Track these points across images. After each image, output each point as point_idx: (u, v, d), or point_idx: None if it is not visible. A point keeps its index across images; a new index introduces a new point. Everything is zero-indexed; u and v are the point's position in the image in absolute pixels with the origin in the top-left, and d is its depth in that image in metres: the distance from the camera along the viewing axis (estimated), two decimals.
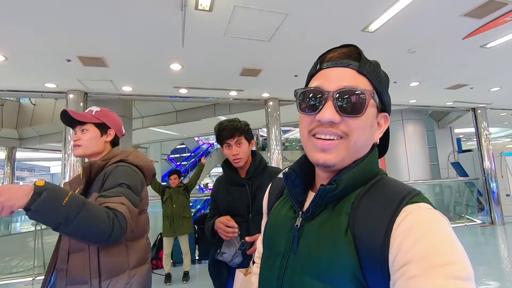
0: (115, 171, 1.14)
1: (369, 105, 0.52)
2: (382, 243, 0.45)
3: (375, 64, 0.56)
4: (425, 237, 0.42)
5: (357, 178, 0.53)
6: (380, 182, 0.54)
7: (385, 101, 0.57)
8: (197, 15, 2.62)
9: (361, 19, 2.83)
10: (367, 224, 0.48)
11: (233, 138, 1.42)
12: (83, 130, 1.25)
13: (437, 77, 4.75)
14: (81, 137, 1.22)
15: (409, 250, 0.42)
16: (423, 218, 0.45)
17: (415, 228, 0.43)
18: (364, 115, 0.52)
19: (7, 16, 2.53)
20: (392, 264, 0.43)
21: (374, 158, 0.57)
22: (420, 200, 0.48)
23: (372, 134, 0.55)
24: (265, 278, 0.61)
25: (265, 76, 4.27)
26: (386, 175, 0.57)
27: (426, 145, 7.86)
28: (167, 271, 3.84)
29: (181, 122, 7.91)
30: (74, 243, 1.08)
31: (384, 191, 0.52)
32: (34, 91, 4.49)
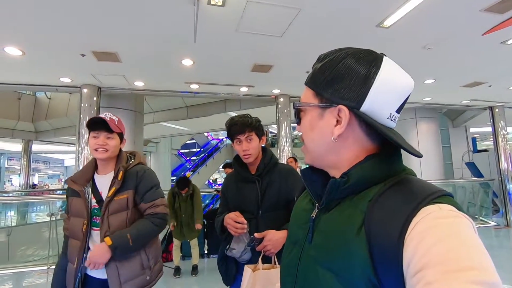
0: (145, 175, 1.47)
1: (305, 112, 0.59)
2: (395, 244, 0.43)
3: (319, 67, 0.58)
4: (443, 240, 0.40)
5: (370, 172, 0.53)
6: (402, 181, 0.51)
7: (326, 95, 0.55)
8: (209, 10, 2.61)
9: (376, 14, 2.76)
10: (382, 223, 0.46)
11: (243, 134, 1.42)
12: (109, 137, 1.42)
13: (454, 75, 4.61)
14: (107, 142, 1.41)
15: (426, 254, 0.40)
16: (442, 220, 0.42)
17: (432, 231, 0.41)
18: (302, 122, 0.61)
19: (25, 12, 2.58)
20: (407, 268, 0.42)
21: (392, 153, 0.55)
22: (445, 201, 0.45)
23: (323, 133, 0.56)
24: (285, 265, 0.65)
25: (276, 72, 4.24)
26: (413, 175, 0.55)
27: (439, 144, 7.68)
28: (176, 264, 3.90)
29: (192, 117, 7.97)
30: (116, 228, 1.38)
31: (406, 189, 0.49)
32: (49, 85, 4.60)
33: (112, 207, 1.38)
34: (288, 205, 1.39)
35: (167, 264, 4.25)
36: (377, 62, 0.53)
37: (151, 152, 13.62)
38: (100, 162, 1.46)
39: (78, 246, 1.36)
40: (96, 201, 1.41)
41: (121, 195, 1.39)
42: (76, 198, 1.41)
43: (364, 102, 0.52)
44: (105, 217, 1.36)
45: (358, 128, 0.54)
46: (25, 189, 10.25)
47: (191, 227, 3.85)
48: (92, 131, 1.42)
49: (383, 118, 0.53)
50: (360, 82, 0.52)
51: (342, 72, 0.53)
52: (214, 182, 20.65)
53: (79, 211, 1.38)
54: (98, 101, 4.68)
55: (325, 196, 0.56)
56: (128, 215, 1.41)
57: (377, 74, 0.51)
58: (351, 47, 0.57)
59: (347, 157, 0.56)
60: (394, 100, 0.53)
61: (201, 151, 17.51)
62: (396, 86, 0.53)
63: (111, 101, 5.25)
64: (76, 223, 1.39)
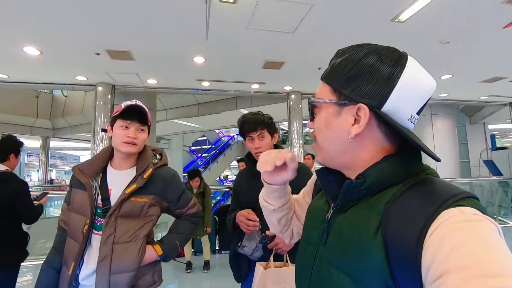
0: (174, 181, 1.31)
1: (320, 109, 0.57)
2: (414, 248, 0.41)
3: (338, 62, 0.55)
4: (464, 244, 0.37)
5: (388, 173, 0.51)
6: (422, 181, 0.49)
7: (345, 92, 0.53)
8: (221, 8, 2.61)
9: (390, 9, 2.69)
10: (400, 226, 0.44)
11: (255, 131, 1.41)
12: (141, 129, 1.22)
13: (472, 70, 4.46)
14: (138, 136, 1.21)
15: (446, 259, 0.38)
16: (464, 224, 0.39)
17: (452, 235, 0.39)
18: (316, 119, 0.58)
19: (43, 13, 2.66)
20: (426, 273, 0.40)
21: (411, 154, 0.53)
22: (467, 204, 0.43)
23: (339, 131, 0.54)
24: (300, 265, 0.64)
25: (287, 69, 4.21)
26: (434, 176, 0.52)
27: (456, 141, 7.45)
28: (188, 259, 3.96)
29: (203, 114, 8.03)
30: (122, 235, 1.15)
31: (426, 191, 0.47)
32: (66, 83, 4.73)
33: (124, 208, 1.15)
34: None
35: (179, 259, 4.33)
36: (401, 62, 0.50)
37: (164, 149, 13.81)
38: (121, 156, 1.23)
39: (76, 249, 1.13)
40: (101, 199, 1.18)
41: (140, 197, 1.19)
42: (80, 191, 1.18)
43: (387, 102, 0.50)
44: (112, 219, 1.13)
45: (377, 128, 0.52)
46: (43, 184, 10.62)
47: (202, 224, 3.89)
48: (122, 120, 1.19)
49: (404, 119, 0.51)
50: (383, 81, 0.50)
51: (364, 69, 0.51)
52: (225, 178, 20.79)
53: (82, 207, 1.15)
54: (112, 99, 4.78)
55: (340, 197, 0.55)
56: (140, 225, 1.19)
57: (402, 74, 0.49)
58: (371, 43, 0.55)
59: (362, 157, 0.54)
60: (416, 102, 0.51)
61: (212, 148, 17.64)
62: (419, 87, 0.51)
63: (125, 99, 5.31)
64: (76, 221, 1.16)
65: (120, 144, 1.19)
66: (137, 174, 1.21)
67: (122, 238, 1.14)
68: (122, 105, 1.22)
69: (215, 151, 16.24)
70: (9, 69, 4.11)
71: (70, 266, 1.11)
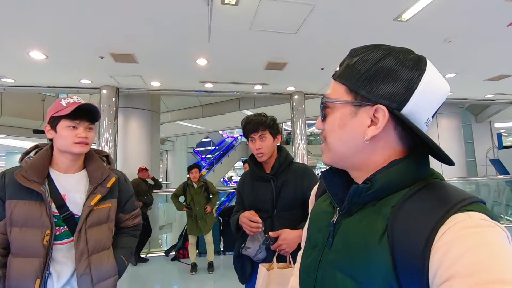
0: (127, 183, 1.32)
1: (333, 109, 0.55)
2: (421, 253, 0.41)
3: (354, 62, 0.54)
4: (472, 250, 0.37)
5: (395, 178, 0.50)
6: (430, 186, 0.49)
7: (362, 93, 0.52)
8: (223, 9, 2.62)
9: (393, 8, 2.68)
10: (407, 230, 0.44)
11: (257, 132, 1.42)
12: (90, 128, 1.17)
13: (477, 68, 4.41)
14: (88, 135, 1.15)
15: (453, 265, 0.37)
16: (472, 230, 0.39)
17: (460, 241, 0.38)
18: (328, 119, 0.56)
19: (48, 19, 2.69)
20: (432, 279, 0.40)
21: (419, 158, 0.52)
22: (475, 209, 0.42)
23: (354, 133, 0.53)
24: (304, 269, 0.64)
25: (290, 69, 4.21)
26: (441, 180, 0.52)
27: (462, 140, 7.38)
28: (193, 261, 3.97)
29: (206, 116, 8.07)
30: (95, 245, 1.14)
31: (433, 195, 0.47)
32: (71, 87, 4.79)
33: (91, 219, 1.13)
34: (303, 204, 1.37)
35: (184, 260, 4.34)
36: (421, 65, 0.50)
37: (168, 151, 13.90)
38: (69, 158, 1.15)
39: (35, 266, 1.03)
40: (57, 207, 1.09)
41: (103, 203, 1.17)
42: (24, 202, 1.06)
43: (407, 104, 0.49)
44: (82, 232, 1.10)
45: (393, 130, 0.52)
46: None
47: (205, 220, 3.90)
48: (70, 120, 1.11)
49: (421, 122, 0.51)
50: (403, 83, 0.49)
51: (383, 70, 0.51)
52: (229, 180, 20.82)
53: (32, 219, 1.05)
54: (117, 102, 4.82)
55: (346, 202, 0.54)
56: (110, 228, 1.22)
57: (422, 77, 0.49)
58: (386, 44, 0.55)
59: (375, 159, 0.53)
60: (434, 105, 0.51)
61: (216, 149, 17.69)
62: (437, 91, 0.51)
63: (129, 101, 5.39)
64: (28, 236, 1.04)
65: (71, 145, 1.11)
66: (97, 183, 1.17)
67: (96, 248, 1.14)
68: (63, 103, 1.13)
69: (219, 152, 16.28)
70: (15, 74, 4.17)
71: (35, 286, 1.02)
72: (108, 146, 4.67)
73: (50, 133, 1.14)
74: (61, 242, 1.10)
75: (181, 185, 4.09)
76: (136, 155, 5.40)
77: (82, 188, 1.16)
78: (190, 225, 3.96)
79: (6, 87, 4.58)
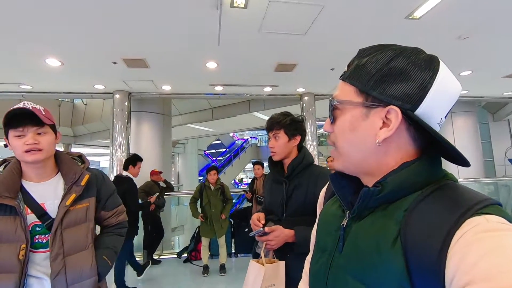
0: (106, 179, 1.29)
1: (343, 111, 0.54)
2: (437, 258, 0.40)
3: (363, 62, 0.53)
4: (490, 255, 0.36)
5: (407, 181, 0.49)
6: (443, 188, 0.47)
7: (373, 94, 0.50)
8: (232, 13, 2.64)
9: (405, 6, 2.63)
10: (421, 235, 0.43)
11: (271, 131, 1.42)
12: (40, 132, 1.09)
13: (493, 65, 4.28)
14: (40, 140, 1.07)
15: (470, 270, 0.36)
16: (490, 234, 0.38)
17: (477, 245, 0.37)
18: (337, 122, 0.55)
19: (63, 28, 2.78)
20: (450, 284, 0.38)
21: (431, 159, 0.51)
22: (492, 212, 0.41)
23: (366, 135, 0.51)
24: (314, 273, 0.63)
25: (300, 70, 4.19)
26: (455, 181, 0.50)
27: (478, 139, 7.15)
28: (205, 263, 3.99)
29: (217, 118, 8.12)
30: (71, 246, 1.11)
31: (448, 198, 0.45)
32: (85, 92, 4.92)
33: (68, 219, 1.10)
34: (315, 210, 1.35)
35: (196, 262, 4.37)
36: (434, 65, 0.49)
37: (179, 153, 14.06)
38: (34, 167, 1.11)
39: (11, 281, 1.00)
40: (38, 217, 1.08)
41: (80, 203, 1.15)
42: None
43: (420, 105, 0.48)
44: (57, 233, 1.07)
45: (405, 132, 0.50)
46: None
47: (220, 224, 3.91)
48: (14, 129, 1.04)
49: (434, 123, 0.50)
50: (418, 83, 0.48)
51: (395, 70, 0.49)
52: (240, 181, 20.86)
53: (9, 234, 1.02)
54: (129, 106, 4.92)
55: (356, 205, 0.53)
56: (90, 228, 1.18)
57: (436, 78, 0.48)
58: (395, 44, 0.53)
59: (387, 162, 0.52)
60: (447, 105, 0.50)
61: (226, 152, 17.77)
62: (450, 91, 0.50)
63: (141, 106, 5.49)
64: (4, 251, 1.01)
65: (22, 155, 1.06)
66: (71, 182, 1.14)
67: (73, 249, 1.11)
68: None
69: (229, 155, 16.35)
70: (33, 81, 4.31)
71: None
72: (121, 149, 4.76)
73: (9, 146, 1.09)
74: (43, 250, 1.09)
75: (197, 187, 4.11)
76: (149, 158, 5.47)
77: (60, 192, 1.14)
78: (204, 227, 3.96)
79: (24, 94, 4.74)
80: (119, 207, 1.33)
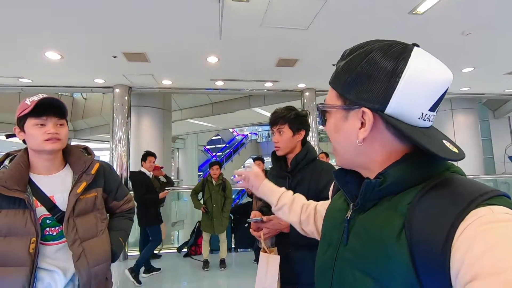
0: (113, 171, 1.33)
1: (330, 113, 0.57)
2: (441, 251, 0.39)
3: (341, 65, 0.55)
4: (497, 246, 0.35)
5: (408, 173, 0.49)
6: (447, 180, 0.47)
7: (349, 97, 0.52)
8: (234, 7, 2.61)
9: (408, 0, 2.61)
10: (425, 227, 0.42)
11: (275, 126, 1.40)
12: (60, 124, 1.14)
13: (496, 62, 4.26)
14: (59, 131, 1.12)
15: (476, 262, 0.35)
16: (495, 225, 0.37)
17: (483, 236, 0.36)
18: (327, 124, 0.59)
19: (63, 20, 2.75)
20: (455, 277, 0.38)
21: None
22: (498, 202, 0.40)
23: (348, 136, 0.54)
24: (320, 267, 0.63)
25: (301, 66, 4.17)
26: (459, 174, 0.50)
27: (479, 137, 7.15)
28: (205, 257, 4.01)
29: (217, 114, 8.10)
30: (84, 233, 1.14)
31: (452, 190, 0.44)
32: (85, 86, 4.89)
33: (78, 208, 1.13)
34: None
35: (196, 257, 4.39)
36: (405, 56, 0.47)
37: (179, 148, 14.06)
38: (45, 159, 1.13)
39: (22, 274, 1.00)
40: (48, 209, 1.09)
41: (89, 193, 1.18)
42: (9, 211, 1.03)
43: (389, 103, 0.47)
44: (70, 221, 1.10)
45: (386, 131, 0.50)
46: None
47: (221, 220, 3.92)
48: (36, 117, 1.07)
49: (414, 118, 0.48)
50: (384, 81, 0.47)
51: (365, 70, 0.49)
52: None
53: (19, 228, 1.03)
54: (129, 100, 4.89)
55: (359, 198, 0.53)
56: (98, 217, 1.21)
57: (404, 70, 0.46)
58: (378, 39, 0.52)
59: (376, 159, 0.53)
60: (426, 98, 0.48)
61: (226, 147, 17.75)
62: (428, 82, 0.47)
63: (141, 100, 5.47)
64: (12, 245, 1.02)
65: (41, 143, 1.07)
66: (81, 171, 1.16)
67: (87, 235, 1.14)
68: (28, 101, 1.08)
69: (229, 150, 16.34)
70: (32, 74, 4.28)
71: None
72: (121, 144, 4.75)
73: (20, 135, 1.10)
74: (60, 242, 1.11)
75: (200, 182, 4.15)
76: None
77: (69, 185, 1.15)
78: (204, 222, 3.98)
79: (23, 87, 4.71)
80: (128, 195, 1.40)
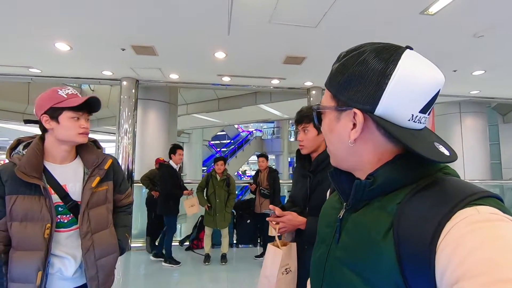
0: (119, 165, 1.39)
1: (324, 114, 0.59)
2: (426, 250, 0.39)
3: (335, 67, 0.56)
4: (482, 247, 0.35)
5: (399, 173, 0.49)
6: (437, 181, 0.47)
7: (342, 98, 0.53)
8: (243, 2, 2.60)
9: (420, 1, 2.56)
10: (412, 226, 0.42)
11: (300, 124, 1.41)
12: (88, 119, 1.23)
13: (508, 65, 4.17)
14: (87, 126, 1.22)
15: (461, 263, 0.35)
16: (481, 225, 0.37)
17: (468, 237, 0.36)
18: (322, 124, 0.60)
19: (74, 11, 2.77)
20: (441, 278, 0.37)
21: None
22: (486, 203, 0.40)
23: (340, 136, 0.55)
24: (314, 263, 0.65)
25: (309, 64, 4.14)
26: (454, 175, 0.50)
27: (487, 141, 7.04)
28: (207, 252, 4.04)
29: (223, 109, 8.10)
30: (96, 225, 1.22)
31: (441, 190, 0.44)
32: (93, 78, 4.92)
33: (92, 201, 1.20)
34: None
35: (198, 251, 4.43)
36: (395, 58, 0.47)
37: (184, 143, 14.13)
38: (65, 149, 1.19)
39: (37, 258, 1.06)
40: (60, 198, 1.15)
41: (101, 186, 1.25)
42: (24, 197, 1.08)
43: (379, 104, 0.48)
44: (85, 213, 1.17)
45: (377, 132, 0.51)
46: None
47: (224, 215, 3.94)
48: (74, 111, 1.15)
49: (403, 120, 0.48)
50: (374, 82, 0.48)
51: (357, 72, 0.50)
52: (243, 173, 20.94)
53: (35, 213, 1.08)
54: (136, 93, 4.92)
55: (350, 198, 0.55)
56: (109, 209, 1.29)
57: (394, 72, 0.47)
58: (374, 42, 0.53)
59: (368, 160, 0.53)
60: (416, 100, 0.48)
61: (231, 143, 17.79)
62: (417, 84, 0.47)
63: (148, 93, 5.49)
64: (28, 230, 1.07)
65: (75, 136, 1.16)
66: (94, 166, 1.23)
67: (98, 227, 1.22)
68: (62, 93, 1.15)
69: (234, 146, 16.38)
70: (41, 64, 4.33)
71: (36, 278, 1.06)
72: (127, 136, 4.79)
73: (49, 124, 1.14)
74: (70, 229, 1.18)
75: (204, 177, 4.17)
76: (154, 146, 5.51)
77: (80, 176, 1.22)
78: (207, 217, 4.01)
79: (33, 77, 4.77)
80: (129, 189, 1.46)
